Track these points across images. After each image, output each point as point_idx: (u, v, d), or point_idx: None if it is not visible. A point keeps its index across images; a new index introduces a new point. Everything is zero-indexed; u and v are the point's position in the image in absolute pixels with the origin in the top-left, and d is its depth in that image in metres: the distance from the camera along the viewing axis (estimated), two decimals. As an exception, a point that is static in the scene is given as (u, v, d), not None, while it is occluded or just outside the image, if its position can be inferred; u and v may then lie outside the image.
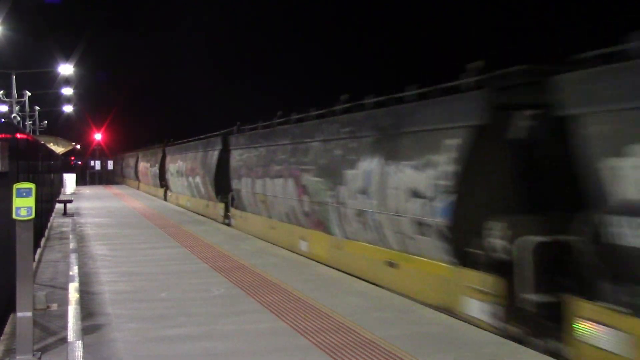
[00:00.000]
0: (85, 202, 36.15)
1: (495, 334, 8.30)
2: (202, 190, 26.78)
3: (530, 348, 7.76)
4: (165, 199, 37.29)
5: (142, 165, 48.22)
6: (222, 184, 23.28)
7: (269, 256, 15.25)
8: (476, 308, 8.93)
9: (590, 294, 7.39)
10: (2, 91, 38.71)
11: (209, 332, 8.59)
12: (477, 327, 8.59)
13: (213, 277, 12.58)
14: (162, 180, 38.53)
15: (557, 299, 7.83)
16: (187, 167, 29.83)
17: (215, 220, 24.34)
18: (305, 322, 9.02)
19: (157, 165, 40.10)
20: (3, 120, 10.21)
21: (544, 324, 8.08)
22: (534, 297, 8.05)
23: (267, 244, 17.45)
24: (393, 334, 8.36)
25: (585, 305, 7.32)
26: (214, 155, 24.30)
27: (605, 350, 6.95)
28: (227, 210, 23.09)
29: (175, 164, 33.55)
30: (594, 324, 7.14)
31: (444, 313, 9.30)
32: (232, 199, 22.12)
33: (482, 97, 9.12)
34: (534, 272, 8.09)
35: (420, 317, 9.35)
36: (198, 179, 27.18)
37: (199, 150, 27.58)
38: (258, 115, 20.85)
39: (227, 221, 22.83)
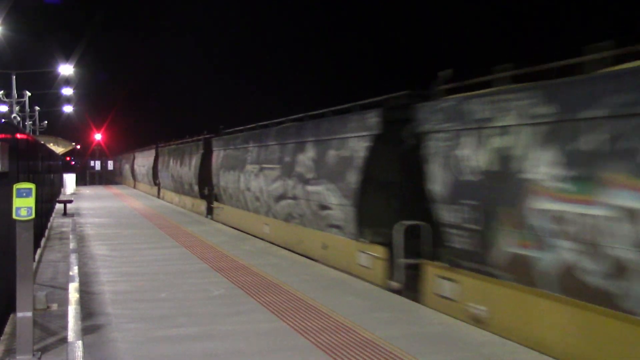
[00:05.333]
0: (86, 203, 36.13)
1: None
2: (322, 209, 14.30)
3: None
4: (210, 215, 25.52)
5: (166, 165, 35.87)
6: (374, 206, 12.31)
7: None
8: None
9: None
10: (2, 91, 38.72)
11: (209, 332, 8.60)
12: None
13: (213, 277, 12.58)
14: (206, 187, 25.98)
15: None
16: (268, 169, 17.88)
17: (346, 271, 12.80)
18: (305, 322, 9.02)
19: (193, 165, 27.93)
20: (3, 120, 10.20)
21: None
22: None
23: None
24: (393, 334, 8.36)
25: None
26: (357, 148, 12.67)
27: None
28: (391, 259, 11.21)
29: (235, 165, 21.39)
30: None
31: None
32: (440, 235, 10.22)
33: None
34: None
35: (420, 317, 9.36)
36: (306, 190, 15.08)
37: (304, 138, 15.66)
38: (259, 114, 19.70)
39: (394, 283, 11.03)
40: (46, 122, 57.82)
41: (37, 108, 51.57)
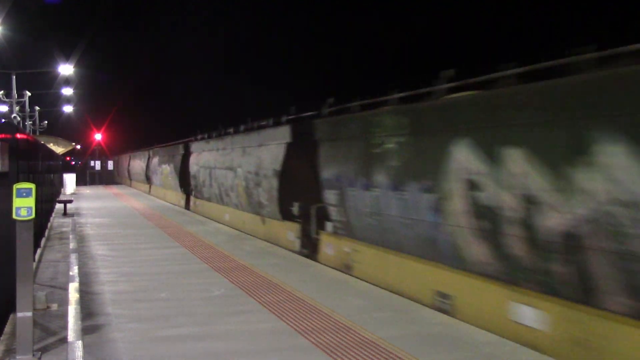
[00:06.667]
0: (85, 202, 36.14)
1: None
2: None
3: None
4: None
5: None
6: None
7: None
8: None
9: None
10: (2, 91, 38.72)
11: (209, 332, 8.60)
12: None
13: (213, 277, 12.58)
14: None
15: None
16: None
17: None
18: (305, 322, 9.03)
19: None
20: (3, 120, 10.21)
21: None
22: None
23: None
24: (393, 334, 8.37)
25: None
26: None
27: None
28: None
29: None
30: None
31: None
32: None
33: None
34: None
35: (420, 317, 9.36)
36: None
37: None
38: (262, 113, 20.10)
39: None
40: (46, 122, 57.85)
41: (37, 108, 51.59)
